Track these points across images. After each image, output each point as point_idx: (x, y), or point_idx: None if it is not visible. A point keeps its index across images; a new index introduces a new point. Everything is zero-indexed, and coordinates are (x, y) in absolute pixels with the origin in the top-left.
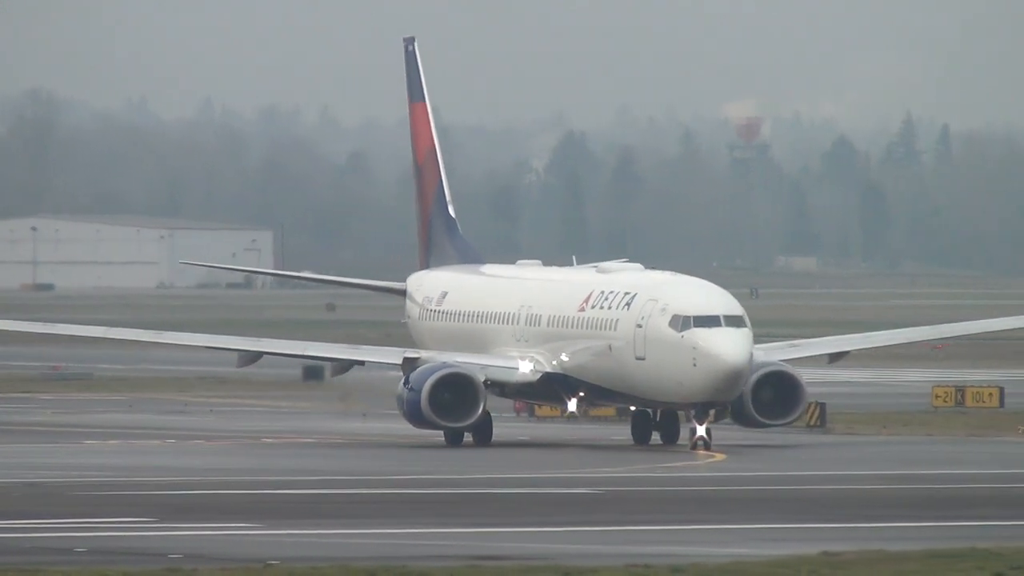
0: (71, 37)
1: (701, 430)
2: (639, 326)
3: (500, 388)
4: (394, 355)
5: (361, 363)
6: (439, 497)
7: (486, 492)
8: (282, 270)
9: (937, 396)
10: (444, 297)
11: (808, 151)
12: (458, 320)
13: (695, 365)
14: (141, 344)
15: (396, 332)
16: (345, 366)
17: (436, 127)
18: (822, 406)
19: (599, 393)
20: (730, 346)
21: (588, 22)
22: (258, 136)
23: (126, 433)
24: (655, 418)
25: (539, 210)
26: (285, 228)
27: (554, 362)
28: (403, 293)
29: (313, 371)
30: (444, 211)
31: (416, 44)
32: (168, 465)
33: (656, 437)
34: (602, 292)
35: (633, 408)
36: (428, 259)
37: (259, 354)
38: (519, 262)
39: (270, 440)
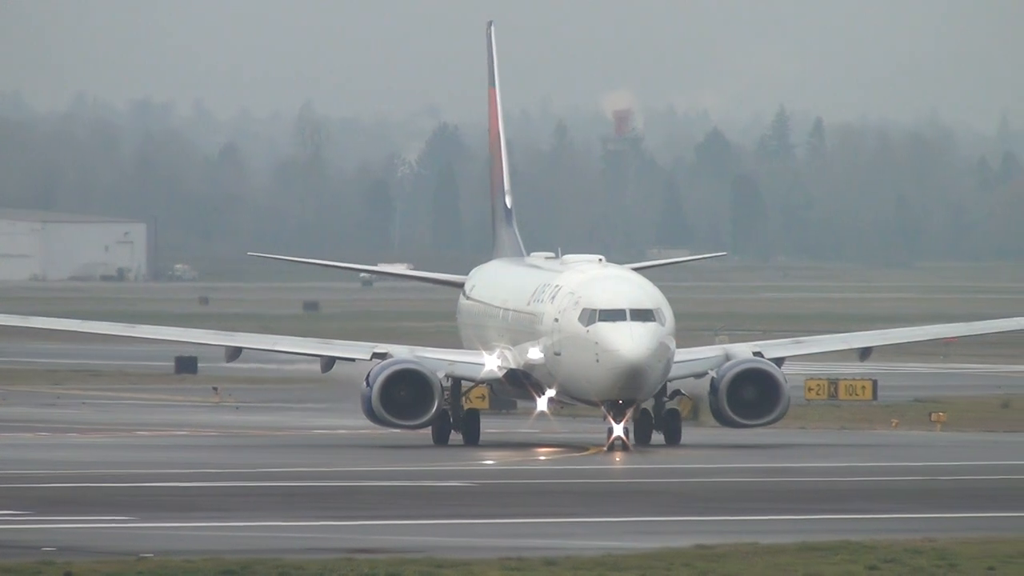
0: None
1: (619, 429)
2: (556, 320)
3: (493, 385)
4: (364, 350)
5: (352, 360)
6: (314, 490)
7: (361, 485)
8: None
9: (810, 389)
10: (472, 290)
11: (681, 144)
12: (473, 314)
13: (598, 361)
14: (10, 336)
15: (273, 325)
16: (330, 362)
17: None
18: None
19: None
20: (628, 341)
21: (459, 14)
22: (131, 129)
23: None
24: (655, 418)
25: (412, 203)
26: (158, 221)
27: (517, 357)
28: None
29: (186, 363)
30: (502, 201)
31: (493, 28)
32: (41, 458)
33: (660, 438)
34: (545, 285)
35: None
36: (493, 250)
37: (239, 350)
38: (532, 254)
39: (144, 433)
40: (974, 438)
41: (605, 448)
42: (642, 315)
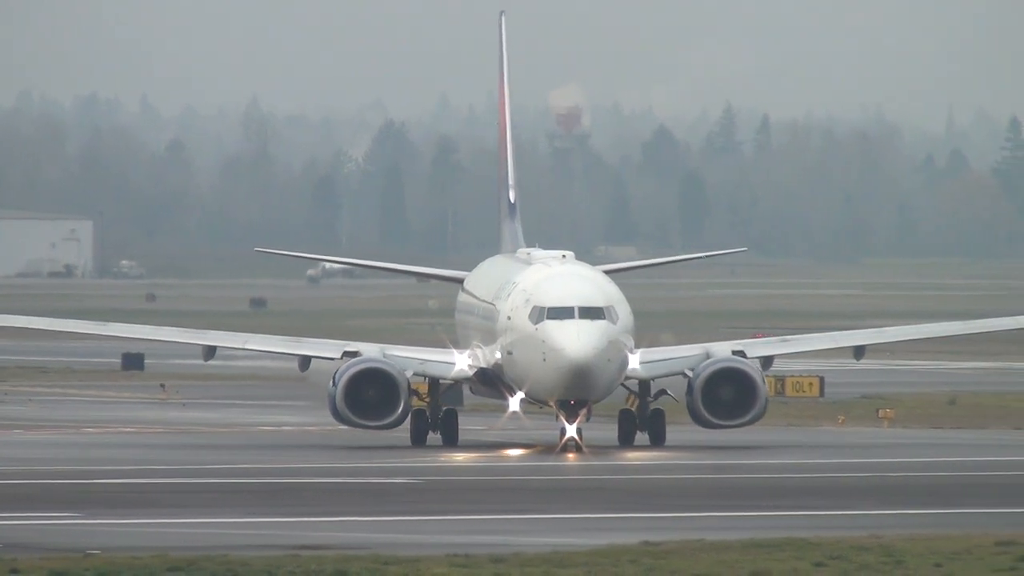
0: None
1: (571, 430)
2: (508, 318)
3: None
4: (335, 349)
5: (331, 359)
6: (260, 487)
7: (307, 482)
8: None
9: None
10: (466, 285)
11: (628, 141)
12: (461, 311)
13: (545, 360)
14: None
15: (221, 322)
16: (306, 361)
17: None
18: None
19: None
20: (574, 340)
21: (407, 10)
22: (77, 125)
23: None
24: (639, 418)
25: (359, 199)
26: (105, 217)
27: (487, 356)
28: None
29: (133, 360)
30: (506, 195)
31: (503, 19)
32: None
33: (644, 439)
34: (507, 282)
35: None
36: (499, 245)
37: (213, 348)
38: (519, 250)
39: (91, 430)
40: (921, 435)
41: (558, 449)
42: (591, 313)
